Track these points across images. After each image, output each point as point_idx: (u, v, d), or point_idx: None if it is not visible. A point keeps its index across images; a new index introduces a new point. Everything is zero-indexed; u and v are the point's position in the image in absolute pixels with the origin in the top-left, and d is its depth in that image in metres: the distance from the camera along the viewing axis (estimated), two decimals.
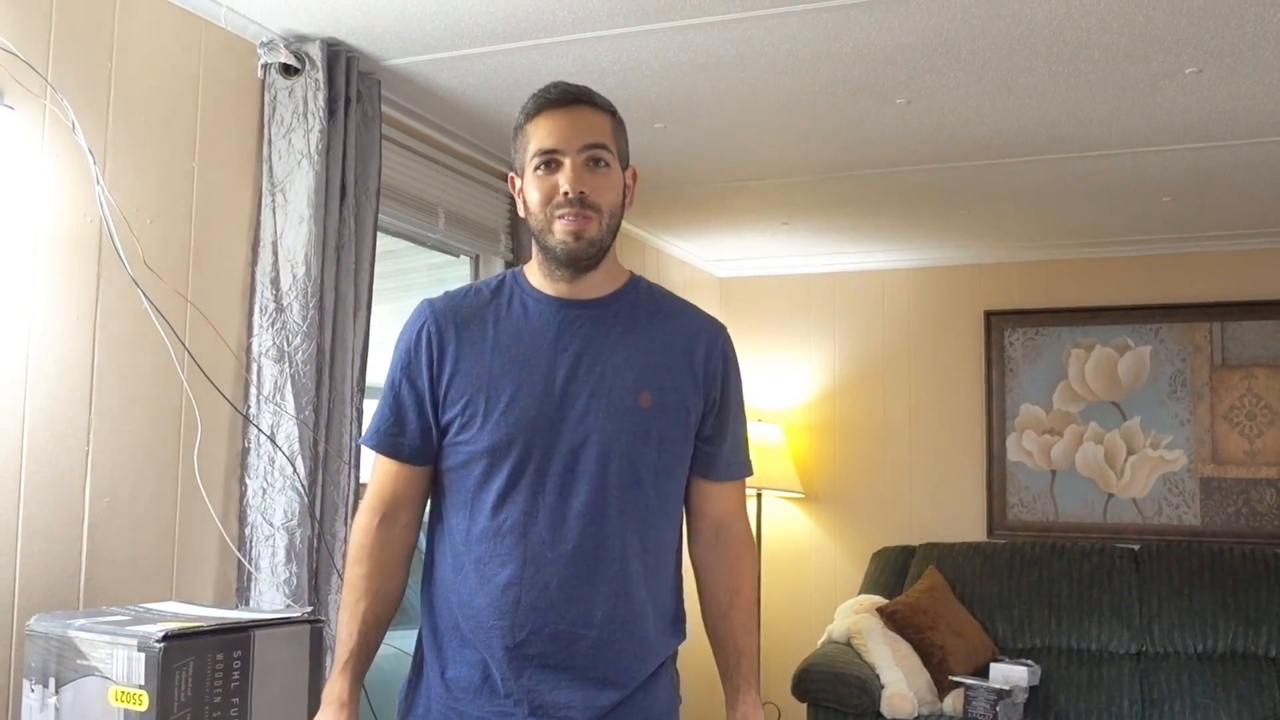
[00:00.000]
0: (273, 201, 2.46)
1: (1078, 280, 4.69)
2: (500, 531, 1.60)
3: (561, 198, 1.59)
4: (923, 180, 3.69)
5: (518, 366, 1.62)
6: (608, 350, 1.65)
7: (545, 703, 1.59)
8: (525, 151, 1.64)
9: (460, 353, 1.65)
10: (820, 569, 4.95)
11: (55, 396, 2.03)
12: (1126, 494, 4.53)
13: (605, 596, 1.60)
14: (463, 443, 1.63)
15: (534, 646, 1.59)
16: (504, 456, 1.60)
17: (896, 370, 4.94)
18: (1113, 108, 2.93)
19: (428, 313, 1.69)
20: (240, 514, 2.40)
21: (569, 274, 1.65)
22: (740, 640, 1.74)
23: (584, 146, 1.60)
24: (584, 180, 1.60)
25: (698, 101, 2.95)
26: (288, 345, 2.41)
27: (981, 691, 3.76)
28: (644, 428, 1.63)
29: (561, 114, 1.61)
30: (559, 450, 1.60)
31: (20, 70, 1.94)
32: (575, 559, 1.59)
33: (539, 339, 1.64)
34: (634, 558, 1.63)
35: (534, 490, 1.60)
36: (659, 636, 1.69)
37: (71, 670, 1.70)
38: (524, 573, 1.59)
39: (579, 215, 1.59)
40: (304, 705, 1.83)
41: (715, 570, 1.76)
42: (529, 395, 1.61)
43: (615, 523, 1.61)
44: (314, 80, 2.47)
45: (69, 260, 2.06)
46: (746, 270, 5.21)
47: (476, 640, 1.62)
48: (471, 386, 1.63)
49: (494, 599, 1.59)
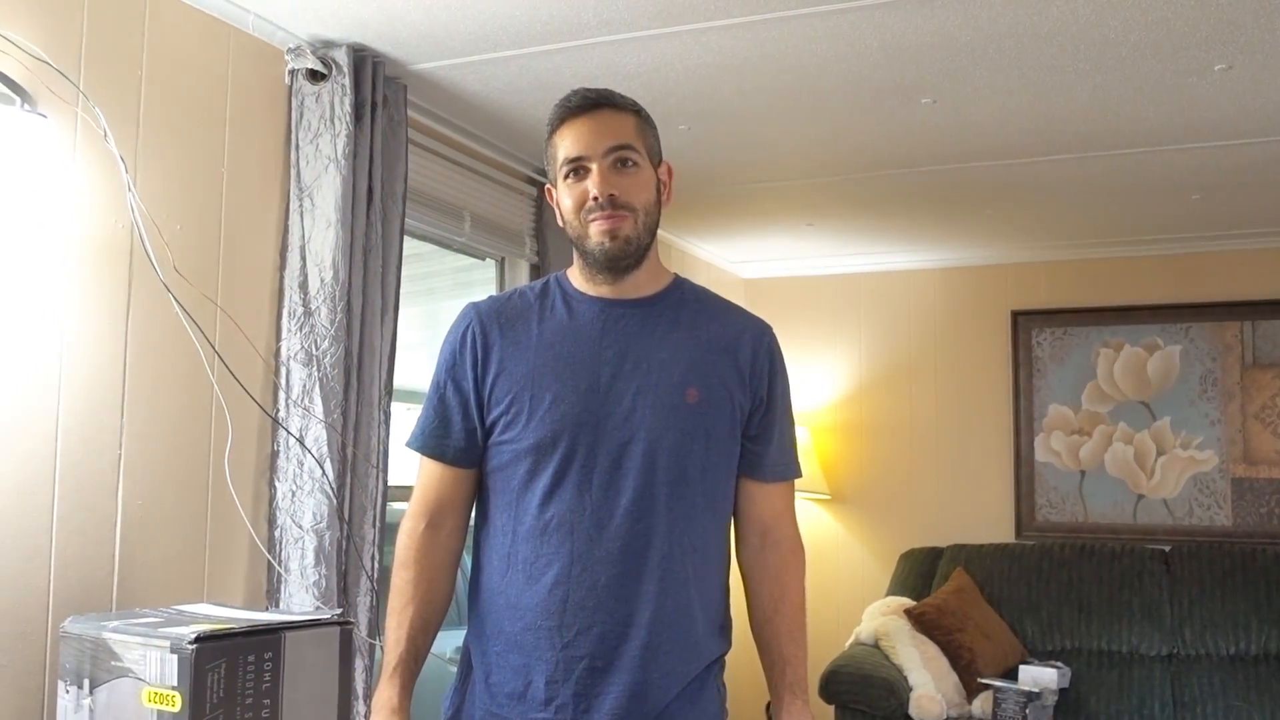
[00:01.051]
0: (300, 206, 2.48)
1: (1106, 279, 4.65)
2: (547, 529, 1.60)
3: (592, 202, 1.60)
4: (948, 180, 3.67)
5: (561, 365, 1.62)
6: (653, 348, 1.65)
7: (592, 705, 1.58)
8: (555, 162, 1.65)
9: (504, 353, 1.65)
10: (847, 571, 4.93)
11: (88, 400, 2.05)
12: (1157, 495, 4.49)
13: (652, 595, 1.59)
14: (507, 441, 1.63)
15: (582, 647, 1.58)
16: (549, 453, 1.60)
17: (923, 371, 4.92)
18: (1141, 105, 2.91)
19: (472, 315, 1.69)
20: (270, 516, 2.42)
21: (610, 276, 1.66)
22: (785, 647, 1.71)
23: (609, 149, 1.61)
24: (612, 182, 1.60)
25: (722, 103, 2.95)
26: (316, 349, 2.43)
27: (1011, 694, 3.73)
28: (691, 424, 1.62)
29: (584, 120, 1.62)
30: (605, 447, 1.60)
31: (53, 79, 1.96)
32: (623, 557, 1.59)
33: (583, 338, 1.64)
34: (682, 556, 1.62)
35: (580, 487, 1.59)
36: (706, 639, 1.67)
37: (105, 671, 1.71)
38: (571, 571, 1.58)
39: (609, 217, 1.60)
40: (333, 706, 1.84)
41: (761, 575, 1.74)
42: (574, 392, 1.61)
43: (663, 520, 1.60)
44: (340, 86, 2.48)
45: (101, 266, 2.08)
46: (771, 271, 5.20)
47: (523, 642, 1.61)
48: (516, 385, 1.63)
49: (541, 599, 1.59)
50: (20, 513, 1.92)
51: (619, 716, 1.59)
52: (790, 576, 1.75)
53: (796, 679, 1.71)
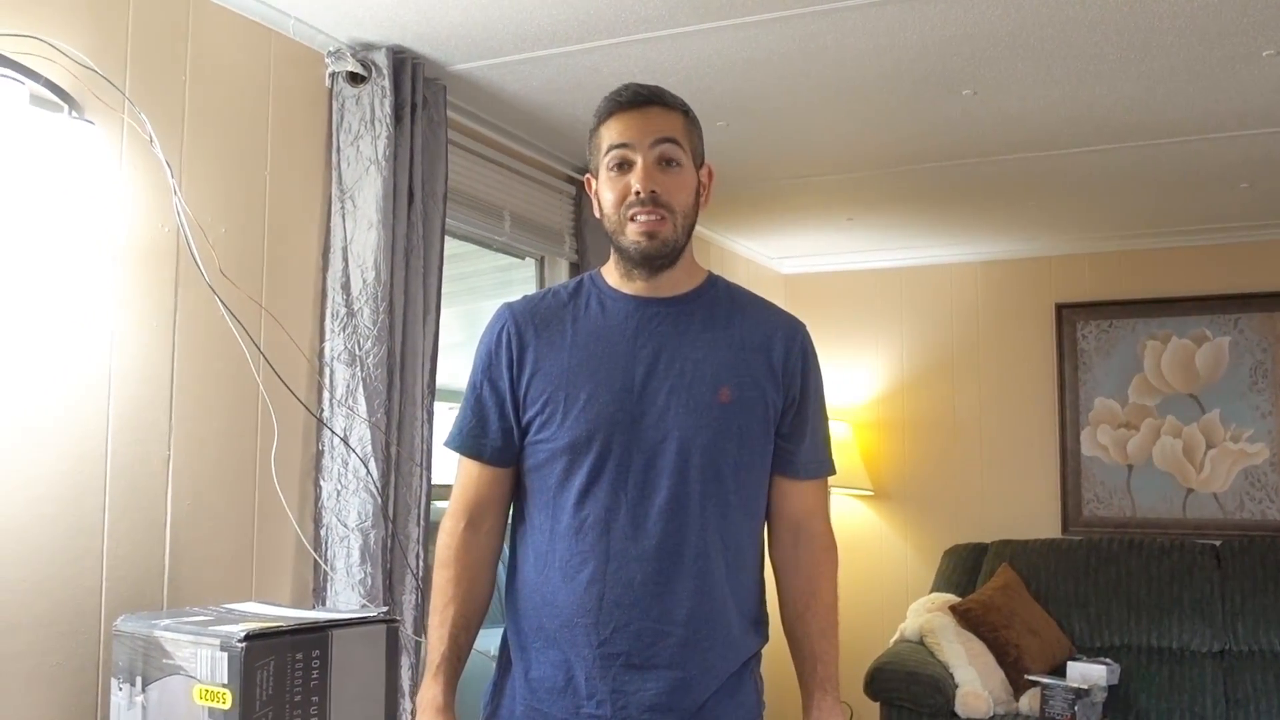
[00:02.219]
0: (342, 208, 2.50)
1: (1152, 271, 4.58)
2: (582, 528, 1.61)
3: (634, 197, 1.60)
4: (990, 172, 3.63)
5: (596, 364, 1.63)
6: (687, 347, 1.65)
7: (630, 703, 1.59)
8: (599, 152, 1.66)
9: (540, 352, 1.66)
10: (891, 567, 4.90)
11: (137, 402, 2.08)
12: (1206, 489, 4.42)
13: (689, 593, 1.60)
14: (543, 441, 1.64)
15: (619, 644, 1.59)
16: (584, 453, 1.61)
17: (966, 366, 4.88)
18: (1187, 93, 2.86)
19: (507, 315, 1.71)
20: (316, 516, 2.44)
21: (645, 273, 1.66)
22: (816, 644, 1.72)
23: (655, 142, 1.61)
24: (655, 179, 1.60)
25: (760, 98, 2.94)
26: (359, 349, 2.45)
27: (1059, 691, 3.69)
28: (724, 423, 1.63)
29: (634, 114, 1.63)
30: (640, 446, 1.61)
31: (100, 86, 1.99)
32: (658, 555, 1.59)
33: (617, 337, 1.65)
34: (716, 554, 1.63)
35: (615, 486, 1.60)
36: (742, 636, 1.68)
37: (157, 669, 1.74)
38: (607, 569, 1.59)
39: (651, 214, 1.60)
40: (380, 703, 1.85)
41: (793, 572, 1.75)
42: (608, 391, 1.61)
43: (697, 518, 1.61)
44: (380, 88, 2.50)
45: (148, 269, 2.11)
46: (811, 267, 5.18)
47: (561, 639, 1.62)
48: (551, 385, 1.64)
49: (578, 596, 1.60)
50: (73, 514, 1.95)
51: (658, 712, 1.60)
52: (822, 574, 1.76)
53: (827, 675, 1.72)
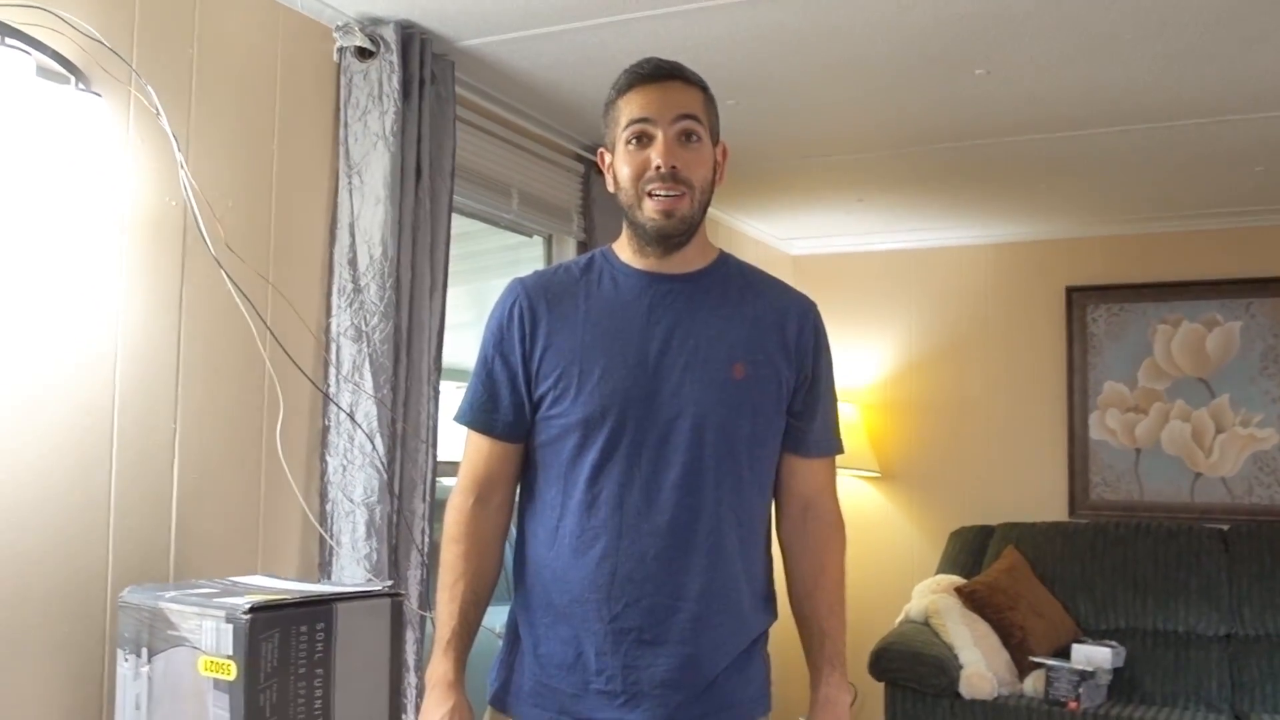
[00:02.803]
0: (349, 183, 2.50)
1: (1164, 254, 4.56)
2: (595, 504, 1.61)
3: (654, 172, 1.59)
4: (1002, 153, 3.61)
5: (609, 339, 1.63)
6: (700, 323, 1.65)
7: (641, 678, 1.59)
8: (616, 125, 1.64)
9: (552, 327, 1.65)
10: (897, 548, 4.90)
11: (143, 376, 2.08)
12: (1215, 473, 4.41)
13: (701, 569, 1.60)
14: (555, 416, 1.64)
15: (630, 619, 1.59)
16: (598, 428, 1.60)
17: (974, 348, 4.86)
18: (1203, 74, 2.84)
19: (519, 290, 1.69)
20: (321, 490, 2.45)
21: (659, 250, 1.65)
22: (824, 621, 1.73)
23: (676, 118, 1.60)
24: (676, 154, 1.60)
25: (770, 77, 2.92)
26: (365, 325, 2.45)
27: (1064, 672, 3.69)
28: (738, 400, 1.63)
29: (655, 88, 1.62)
30: (653, 422, 1.60)
31: (107, 58, 1.98)
32: (671, 531, 1.59)
33: (631, 313, 1.65)
34: (729, 530, 1.63)
35: (629, 462, 1.60)
36: (753, 612, 1.69)
37: (163, 640, 1.75)
38: (620, 545, 1.59)
39: (670, 191, 1.59)
40: (385, 677, 1.86)
41: (801, 549, 1.75)
42: (622, 367, 1.61)
43: (710, 494, 1.61)
44: (389, 63, 2.49)
45: (154, 243, 2.11)
46: (821, 248, 5.16)
47: (572, 615, 1.62)
48: (564, 360, 1.63)
49: (589, 572, 1.60)
50: (80, 487, 1.96)
51: (668, 688, 1.60)
52: (830, 551, 1.77)
53: (835, 652, 1.73)
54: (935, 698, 3.76)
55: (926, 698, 3.77)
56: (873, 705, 4.28)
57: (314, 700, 1.73)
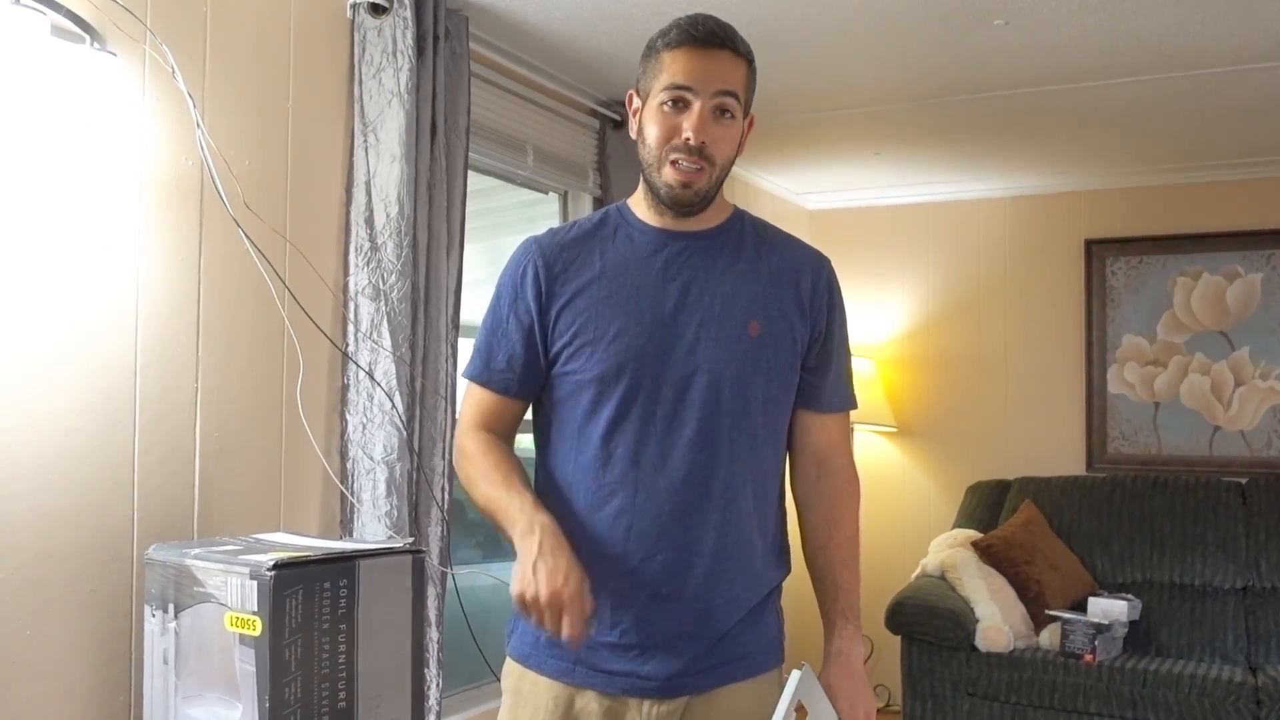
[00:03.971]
0: (365, 141, 2.49)
1: (1184, 206, 4.51)
2: (610, 460, 1.61)
3: (681, 141, 1.57)
4: (1021, 105, 3.57)
5: (625, 295, 1.62)
6: (715, 280, 1.65)
7: (655, 631, 1.61)
8: (655, 78, 1.61)
9: (568, 284, 1.64)
10: (914, 503, 4.91)
11: (164, 335, 2.10)
12: (1234, 426, 4.39)
13: (715, 525, 1.62)
14: (571, 372, 1.64)
15: (646, 574, 1.60)
16: (613, 385, 1.61)
17: (992, 302, 4.84)
18: (1224, 22, 2.79)
19: (534, 247, 1.68)
20: (342, 448, 2.47)
21: (673, 214, 1.65)
22: (838, 574, 1.74)
23: (716, 92, 1.58)
24: (707, 129, 1.58)
25: (785, 28, 2.88)
26: (383, 283, 2.45)
27: (1079, 625, 3.71)
28: (753, 356, 1.63)
29: (703, 55, 1.58)
30: (669, 378, 1.60)
31: (121, 17, 1.98)
32: (686, 487, 1.60)
33: (646, 269, 1.64)
34: (743, 486, 1.64)
35: (644, 418, 1.60)
36: (765, 567, 1.70)
37: (189, 597, 1.77)
38: (635, 500, 1.60)
39: (692, 164, 1.58)
40: (407, 632, 1.88)
41: (816, 504, 1.76)
42: (638, 323, 1.61)
43: (725, 451, 1.62)
44: (402, 19, 2.47)
45: (172, 202, 2.11)
46: (838, 202, 5.13)
47: (588, 568, 1.61)
48: (580, 317, 1.63)
49: (605, 528, 1.61)
50: (103, 445, 1.98)
51: (683, 640, 1.62)
52: (845, 505, 1.77)
53: (849, 604, 1.73)
54: (951, 651, 3.78)
55: (943, 651, 3.80)
56: (889, 658, 4.32)
57: (338, 655, 1.76)
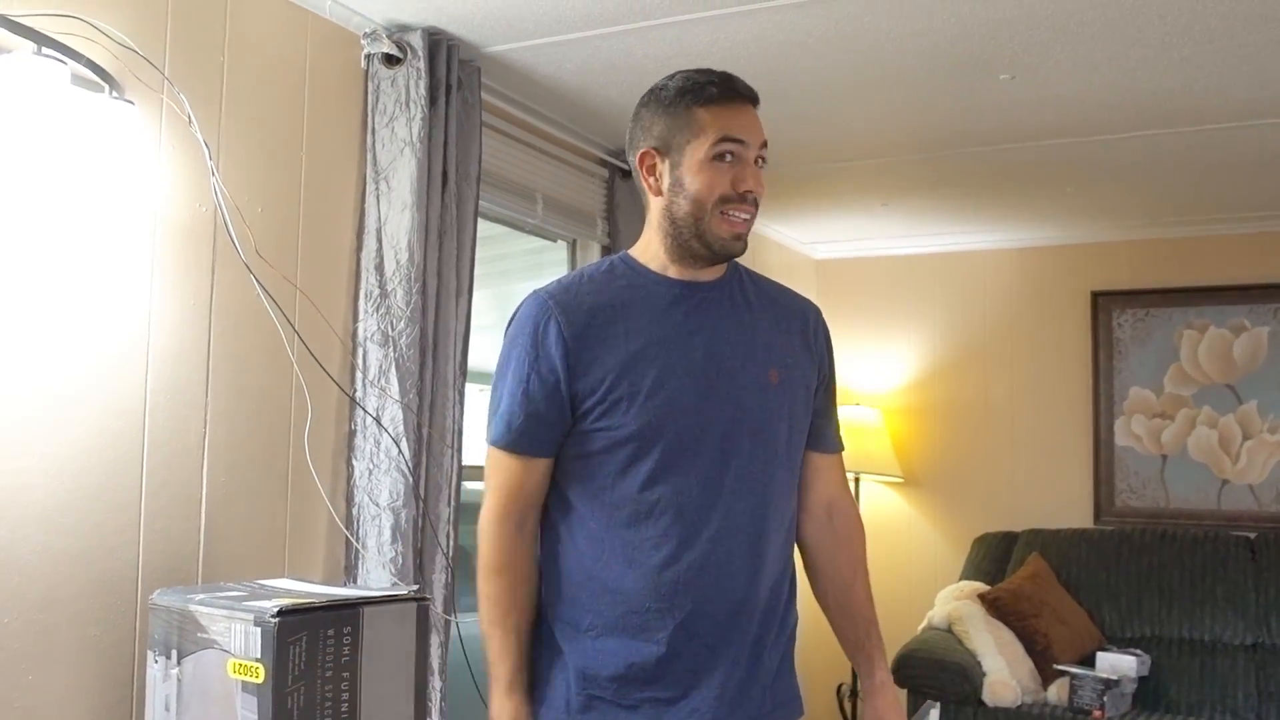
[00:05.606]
0: (376, 189, 2.51)
1: (1190, 259, 4.52)
2: (652, 514, 1.60)
3: (736, 193, 1.60)
4: (1027, 158, 3.59)
5: (655, 350, 1.62)
6: (733, 330, 1.68)
7: (702, 682, 1.61)
8: (694, 135, 1.61)
9: (593, 340, 1.62)
10: (920, 554, 4.88)
11: (174, 379, 2.11)
12: (1242, 480, 4.37)
13: (754, 572, 1.64)
14: (603, 429, 1.61)
15: (697, 627, 1.60)
16: (654, 439, 1.59)
17: (999, 353, 4.84)
18: (1231, 78, 2.82)
19: (550, 303, 1.64)
20: (348, 494, 2.47)
21: (705, 265, 1.67)
22: (867, 609, 1.79)
23: (761, 144, 1.65)
24: (760, 181, 1.64)
25: (795, 81, 2.92)
26: (392, 330, 2.46)
27: (1088, 681, 3.67)
28: (776, 403, 1.67)
29: (746, 111, 1.64)
30: (708, 430, 1.62)
31: (140, 67, 2.01)
32: (726, 537, 1.62)
33: (668, 321, 1.65)
34: (775, 533, 1.67)
35: (685, 471, 1.61)
36: (788, 612, 1.74)
37: (192, 643, 1.77)
38: (679, 553, 1.60)
39: (747, 215, 1.63)
40: (410, 680, 1.87)
41: (834, 544, 1.79)
42: (671, 377, 1.61)
43: (760, 499, 1.65)
44: (415, 69, 2.51)
45: (186, 248, 2.13)
46: (845, 252, 5.15)
47: (628, 624, 1.61)
48: (610, 373, 1.60)
49: (648, 581, 1.60)
50: (110, 488, 1.98)
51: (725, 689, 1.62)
52: (861, 543, 1.83)
53: (880, 640, 1.79)
54: (958, 705, 3.74)
55: (949, 705, 3.76)
56: None
57: (340, 703, 1.75)
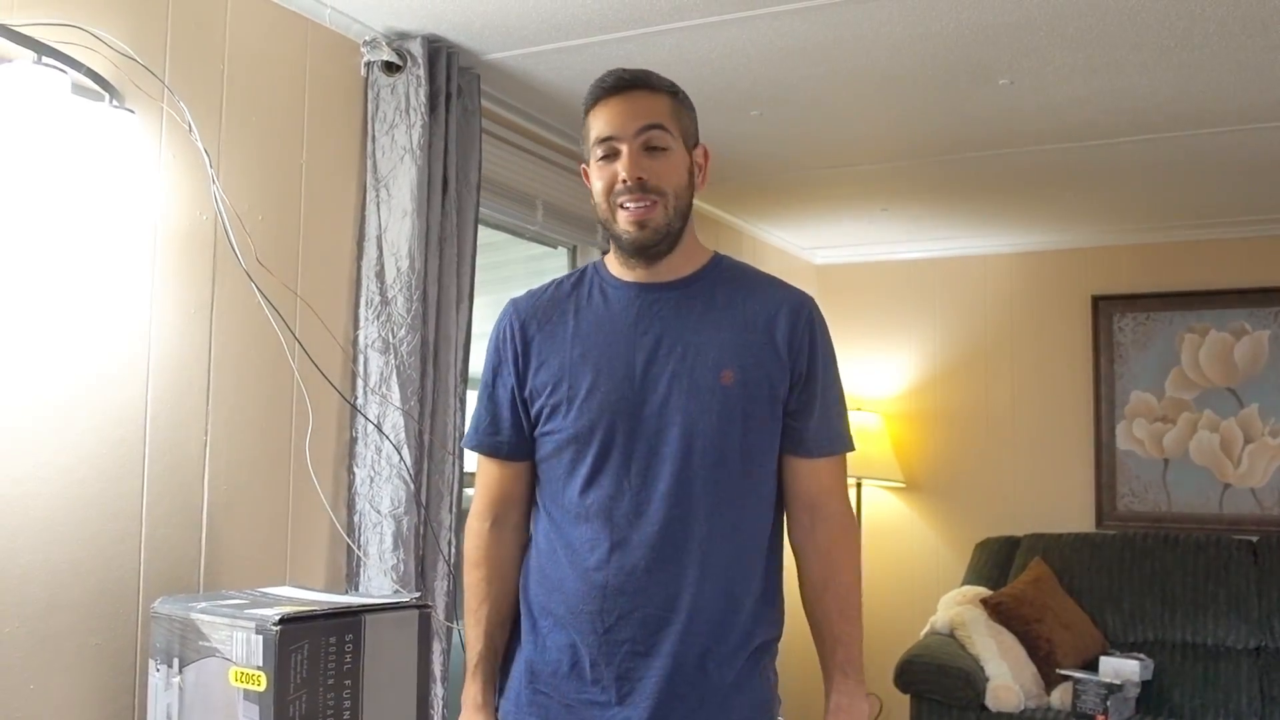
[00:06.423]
0: (377, 197, 2.52)
1: (1191, 262, 4.53)
2: (588, 516, 1.63)
3: (621, 185, 1.61)
4: (1027, 162, 3.60)
5: (598, 353, 1.64)
6: (689, 331, 1.64)
7: (635, 689, 1.60)
8: (588, 141, 1.67)
9: (544, 344, 1.68)
10: (922, 559, 4.88)
11: (175, 387, 2.11)
12: (1244, 484, 4.37)
13: (693, 580, 1.60)
14: (550, 432, 1.66)
15: (623, 631, 1.60)
16: (588, 442, 1.62)
17: (1000, 357, 4.84)
18: (1229, 82, 2.82)
19: (511, 311, 1.73)
20: (349, 501, 2.46)
21: (642, 261, 1.66)
22: (835, 626, 1.69)
23: (640, 130, 1.60)
24: (642, 165, 1.60)
25: (794, 87, 2.92)
26: (393, 337, 2.46)
27: (1091, 685, 3.67)
28: (728, 406, 1.61)
29: (618, 101, 1.62)
30: (642, 433, 1.61)
31: (141, 75, 2.01)
32: (661, 542, 1.60)
33: (619, 324, 1.66)
34: (722, 540, 1.62)
35: (619, 474, 1.61)
36: (754, 624, 1.66)
37: (194, 651, 1.76)
38: (610, 557, 1.60)
39: (639, 201, 1.60)
40: (413, 687, 1.87)
41: (811, 553, 1.71)
42: (609, 380, 1.62)
43: (700, 504, 1.60)
44: (415, 77, 2.51)
45: (186, 256, 2.13)
46: (845, 257, 5.15)
47: (569, 624, 1.64)
48: (555, 376, 1.65)
49: (583, 583, 1.62)
50: (112, 497, 1.98)
51: (662, 698, 1.59)
52: (841, 553, 1.70)
53: (848, 658, 1.68)
54: (961, 710, 3.74)
55: (952, 710, 3.75)
56: (898, 717, 4.26)
57: (342, 711, 1.74)
